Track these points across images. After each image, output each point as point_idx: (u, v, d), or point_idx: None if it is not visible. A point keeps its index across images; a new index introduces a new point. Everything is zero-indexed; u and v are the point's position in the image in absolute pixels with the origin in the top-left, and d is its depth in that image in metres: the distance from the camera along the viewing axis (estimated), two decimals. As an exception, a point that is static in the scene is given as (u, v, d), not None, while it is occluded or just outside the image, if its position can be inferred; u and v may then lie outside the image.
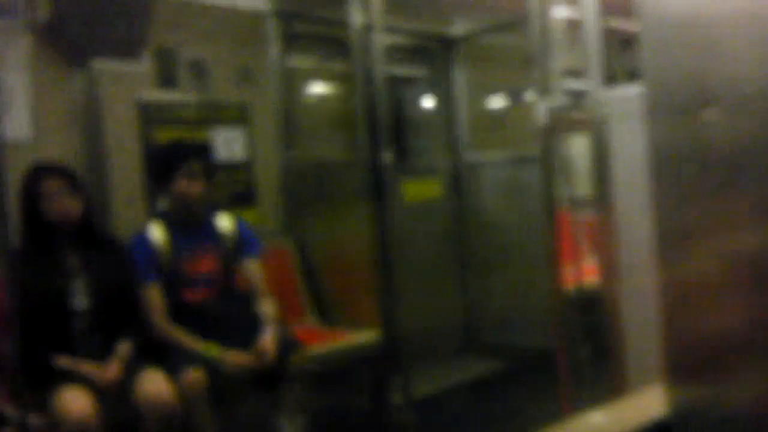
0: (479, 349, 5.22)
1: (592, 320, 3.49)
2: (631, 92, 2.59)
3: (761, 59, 1.12)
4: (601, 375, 3.09)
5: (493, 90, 5.58)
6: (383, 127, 4.02)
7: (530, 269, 4.61)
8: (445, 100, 5.35)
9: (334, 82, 5.07)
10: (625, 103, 2.53)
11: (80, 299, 3.04)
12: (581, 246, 5.24)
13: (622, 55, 5.54)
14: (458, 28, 5.33)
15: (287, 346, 3.22)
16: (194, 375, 2.99)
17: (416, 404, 3.96)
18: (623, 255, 2.60)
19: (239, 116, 4.20)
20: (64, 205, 3.01)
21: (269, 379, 3.19)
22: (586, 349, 4.00)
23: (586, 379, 3.55)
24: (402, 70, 5.39)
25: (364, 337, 3.91)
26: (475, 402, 4.42)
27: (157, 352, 3.13)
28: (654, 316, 2.55)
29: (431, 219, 5.17)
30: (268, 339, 3.17)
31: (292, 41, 4.54)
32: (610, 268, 2.60)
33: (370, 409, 3.97)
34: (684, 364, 1.17)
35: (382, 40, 3.89)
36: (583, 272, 4.57)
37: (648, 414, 1.20)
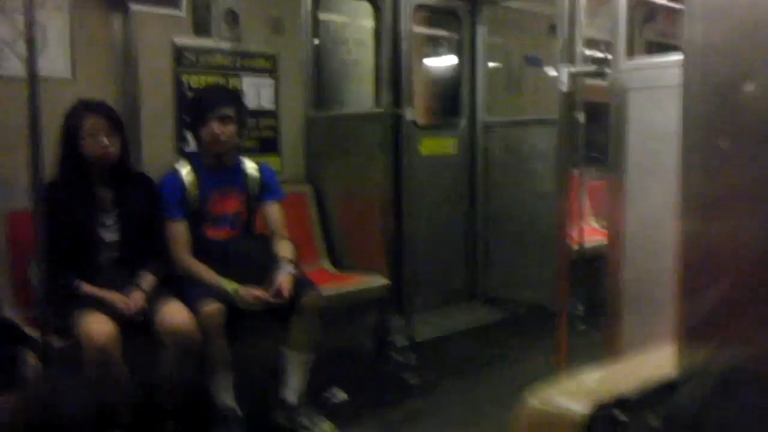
0: (483, 300, 5.23)
1: (594, 279, 3.49)
2: (654, 63, 2.52)
3: None
4: (597, 332, 3.09)
5: (516, 54, 5.47)
6: (405, 84, 3.97)
7: (538, 227, 4.59)
8: (469, 61, 5.25)
9: (362, 38, 4.97)
10: (647, 74, 2.46)
11: (110, 231, 3.05)
12: (589, 208, 5.22)
13: (642, 26, 5.43)
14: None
15: (301, 285, 3.22)
16: (213, 307, 3.00)
17: (417, 346, 4.00)
18: (631, 220, 2.55)
19: (268, 66, 4.13)
20: (103, 142, 2.98)
21: (283, 315, 3.20)
22: (583, 305, 4.02)
23: (582, 334, 3.57)
24: (428, 30, 5.29)
25: (372, 281, 3.91)
26: (473, 347, 4.45)
27: (179, 285, 3.13)
28: (652, 279, 2.55)
29: (445, 174, 5.12)
30: (283, 277, 3.17)
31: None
32: (616, 231, 2.56)
33: (373, 349, 3.99)
34: (695, 326, 1.14)
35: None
36: (589, 233, 4.57)
37: (656, 372, 1.18)
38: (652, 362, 1.25)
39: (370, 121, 4.09)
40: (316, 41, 4.43)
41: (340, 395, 3.52)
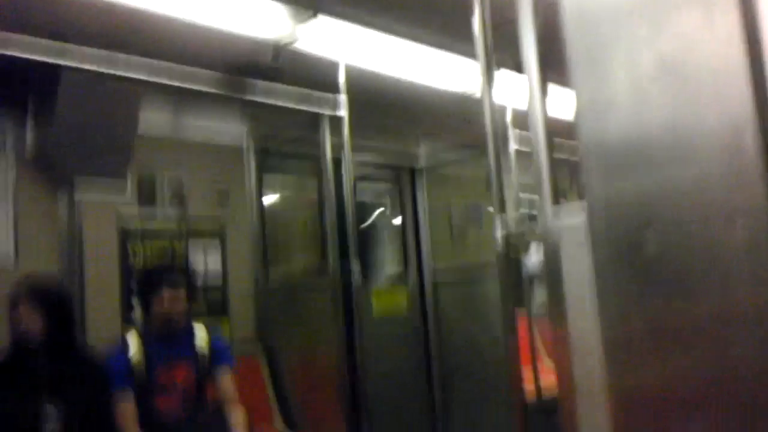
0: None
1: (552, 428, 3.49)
2: (575, 213, 2.71)
3: (695, 180, 1.21)
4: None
5: (455, 211, 5.77)
6: (351, 248, 4.13)
7: (494, 380, 4.62)
8: (412, 221, 5.53)
9: (306, 207, 5.22)
10: (572, 222, 2.65)
11: (51, 425, 2.89)
12: (540, 356, 5.29)
13: (573, 177, 5.82)
14: (421, 160, 5.59)
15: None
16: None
17: None
18: (577, 366, 2.63)
19: (216, 235, 4.29)
20: (43, 324, 2.94)
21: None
22: (545, 458, 3.98)
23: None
24: (371, 198, 5.59)
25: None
26: None
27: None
28: (606, 425, 2.58)
29: (397, 334, 5.20)
30: (237, 449, 3.11)
31: (267, 171, 4.72)
32: (565, 379, 2.63)
33: None
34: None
35: (351, 170, 4.06)
36: (542, 382, 4.61)
37: None
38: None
39: (319, 287, 4.21)
40: (263, 208, 4.64)
41: None
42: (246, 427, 3.26)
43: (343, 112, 3.94)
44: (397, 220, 5.57)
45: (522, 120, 3.20)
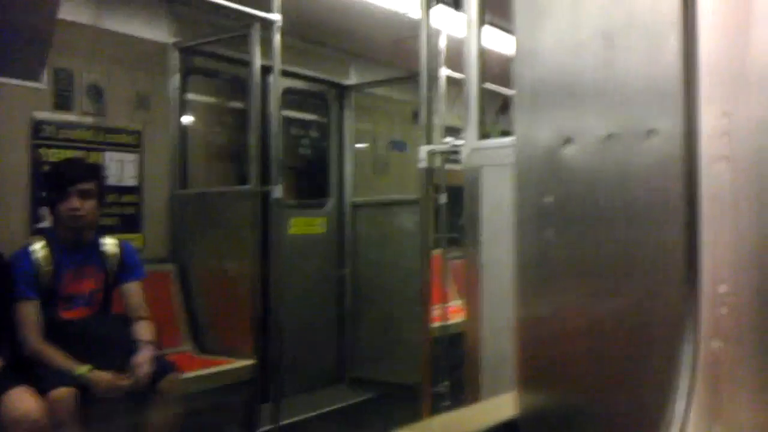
0: (352, 381, 5.31)
1: (456, 356, 3.67)
2: (499, 143, 2.81)
3: (612, 108, 1.30)
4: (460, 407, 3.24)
5: (381, 137, 5.81)
6: (275, 164, 4.11)
7: (403, 308, 4.77)
8: (337, 144, 5.52)
9: (230, 117, 5.12)
10: (496, 152, 2.75)
11: None
12: (450, 287, 5.49)
13: (498, 117, 5.94)
14: (351, 77, 5.53)
15: (161, 368, 3.19)
16: (63, 392, 2.90)
17: (282, 430, 3.99)
18: (487, 295, 2.77)
19: (133, 141, 4.16)
20: None
21: (141, 399, 3.14)
22: (447, 383, 4.19)
23: (447, 411, 3.72)
24: (296, 113, 5.52)
25: (237, 365, 3.91)
26: (338, 430, 4.49)
27: (29, 370, 3.02)
28: (510, 354, 2.75)
29: (313, 254, 5.26)
30: (142, 361, 3.14)
31: (191, 74, 4.57)
32: (473, 308, 2.77)
33: (239, 435, 3.96)
34: (532, 372, 1.32)
35: (279, 82, 4.00)
36: (451, 312, 4.81)
37: (499, 415, 1.33)
38: (496, 406, 1.41)
39: (238, 199, 4.18)
40: (184, 119, 4.52)
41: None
42: (154, 343, 3.27)
43: (276, 15, 3.83)
44: (324, 140, 5.55)
45: (456, 48, 3.25)
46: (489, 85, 3.13)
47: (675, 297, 1.17)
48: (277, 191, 3.89)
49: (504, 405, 1.33)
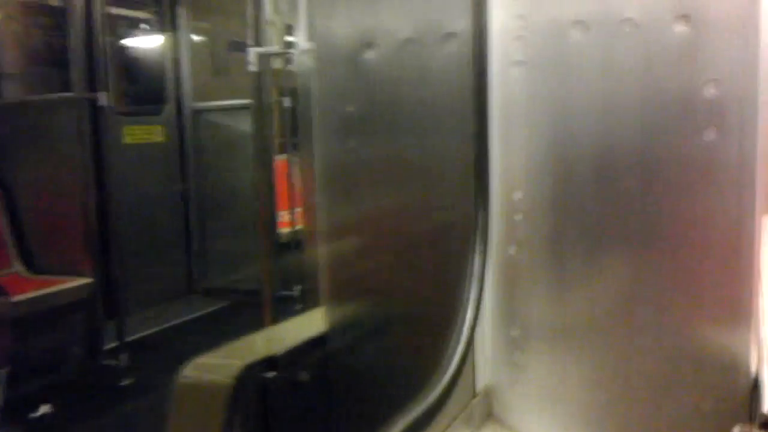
0: (204, 292, 5.23)
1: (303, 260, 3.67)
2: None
3: (411, 10, 1.24)
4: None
5: (219, 37, 5.50)
6: (100, 68, 3.80)
7: (249, 215, 4.68)
8: (170, 45, 5.16)
9: (47, 16, 4.65)
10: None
11: None
12: (296, 191, 5.44)
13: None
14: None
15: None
16: None
17: (130, 347, 3.90)
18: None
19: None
20: None
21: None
22: (300, 287, 4.20)
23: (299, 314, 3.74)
24: (124, 11, 5.09)
25: (73, 283, 3.72)
26: (188, 341, 4.44)
27: None
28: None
29: (153, 164, 5.01)
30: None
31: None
32: (310, 211, 2.73)
33: (82, 356, 3.81)
34: (340, 285, 1.30)
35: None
36: (300, 216, 4.77)
37: (309, 330, 1.31)
38: (305, 322, 1.40)
39: (61, 108, 3.85)
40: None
41: (42, 408, 3.32)
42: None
43: None
44: (157, 46, 5.19)
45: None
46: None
47: (468, 208, 1.17)
48: (103, 98, 3.61)
49: (314, 320, 1.32)
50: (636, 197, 1.34)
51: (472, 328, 1.11)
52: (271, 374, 1.19)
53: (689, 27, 1.30)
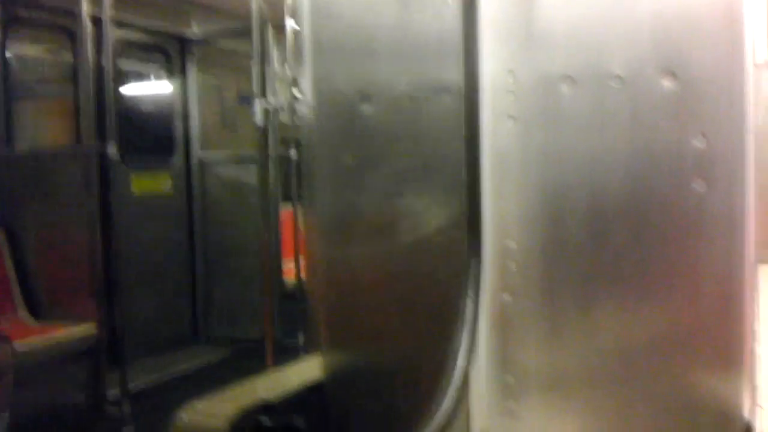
0: (206, 340, 5.22)
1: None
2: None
3: (407, 66, 1.29)
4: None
5: (227, 91, 5.62)
6: (111, 121, 3.87)
7: (258, 265, 4.69)
8: (180, 98, 5.27)
9: (60, 73, 4.77)
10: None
11: None
12: (301, 241, 5.47)
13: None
14: (193, 29, 5.29)
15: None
16: None
17: (133, 396, 3.88)
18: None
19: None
20: None
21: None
22: (302, 336, 4.20)
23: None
24: (134, 66, 5.22)
25: (77, 332, 3.72)
26: (192, 391, 4.40)
27: None
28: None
29: (160, 214, 5.06)
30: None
31: (13, 26, 4.20)
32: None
33: (84, 404, 3.79)
34: (338, 333, 1.32)
35: (111, 33, 3.75)
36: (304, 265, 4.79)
37: (306, 376, 1.33)
38: (303, 368, 1.41)
39: (70, 159, 3.92)
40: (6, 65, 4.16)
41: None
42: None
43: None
44: (167, 98, 5.30)
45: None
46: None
47: (460, 256, 1.19)
48: (111, 149, 3.67)
49: (312, 367, 1.33)
50: (627, 246, 1.37)
51: (465, 375, 1.13)
52: (265, 419, 1.20)
53: (676, 83, 1.35)
